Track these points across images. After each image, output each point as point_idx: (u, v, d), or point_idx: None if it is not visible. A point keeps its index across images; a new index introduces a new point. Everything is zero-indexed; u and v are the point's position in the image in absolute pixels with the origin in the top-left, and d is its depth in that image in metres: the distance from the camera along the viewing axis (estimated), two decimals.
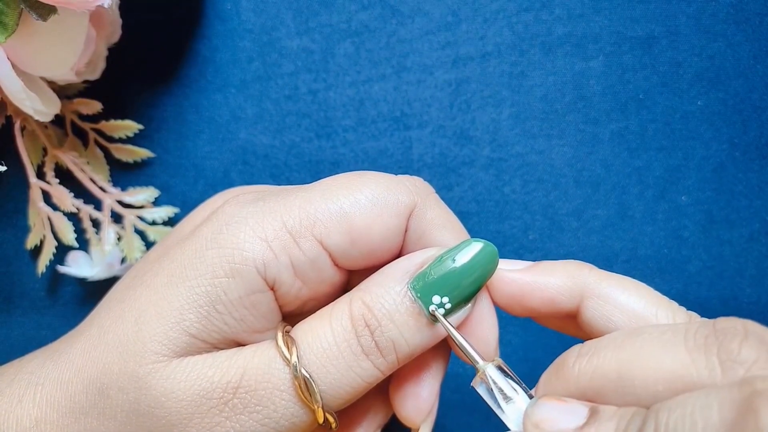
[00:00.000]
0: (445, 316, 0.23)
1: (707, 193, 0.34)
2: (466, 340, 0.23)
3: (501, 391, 0.22)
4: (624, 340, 0.20)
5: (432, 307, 0.23)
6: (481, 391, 0.22)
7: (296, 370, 0.22)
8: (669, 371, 0.18)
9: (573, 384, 0.20)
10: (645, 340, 0.20)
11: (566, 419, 0.20)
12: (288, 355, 0.22)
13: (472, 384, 0.23)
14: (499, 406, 0.22)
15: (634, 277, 0.34)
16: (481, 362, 0.22)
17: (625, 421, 0.18)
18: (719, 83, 0.33)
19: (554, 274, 0.24)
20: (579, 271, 0.24)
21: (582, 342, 0.22)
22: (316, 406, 0.22)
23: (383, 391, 0.26)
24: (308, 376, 0.22)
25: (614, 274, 0.24)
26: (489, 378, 0.22)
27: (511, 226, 0.34)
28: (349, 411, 0.27)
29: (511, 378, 0.22)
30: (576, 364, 0.20)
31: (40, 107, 0.29)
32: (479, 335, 0.24)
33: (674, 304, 0.23)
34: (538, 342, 0.34)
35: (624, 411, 0.19)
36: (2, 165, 0.30)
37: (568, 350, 0.22)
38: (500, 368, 0.22)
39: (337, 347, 0.23)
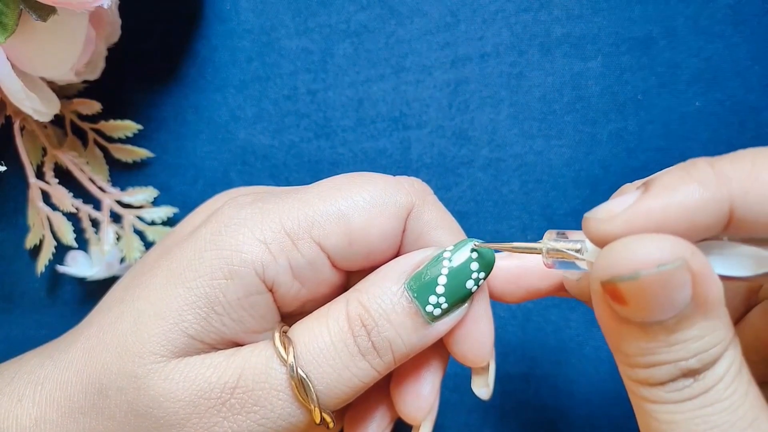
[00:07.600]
0: (441, 315, 0.23)
1: None
2: (511, 246, 0.23)
3: (570, 249, 0.22)
4: None
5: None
6: (555, 264, 0.22)
7: (293, 370, 0.22)
8: None
9: None
10: None
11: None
12: (285, 355, 0.22)
13: (545, 263, 0.22)
14: (576, 265, 0.22)
15: None
16: (537, 245, 0.22)
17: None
18: (717, 84, 0.33)
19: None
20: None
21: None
22: (312, 406, 0.22)
23: None
24: (305, 376, 0.22)
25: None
26: (554, 248, 0.22)
27: (510, 226, 0.34)
28: (360, 408, 0.27)
29: (566, 237, 0.22)
30: None
31: (40, 107, 0.29)
32: (475, 335, 0.24)
33: None
34: (536, 341, 0.34)
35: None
36: (2, 165, 0.30)
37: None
38: (556, 236, 0.22)
39: (334, 347, 0.23)
